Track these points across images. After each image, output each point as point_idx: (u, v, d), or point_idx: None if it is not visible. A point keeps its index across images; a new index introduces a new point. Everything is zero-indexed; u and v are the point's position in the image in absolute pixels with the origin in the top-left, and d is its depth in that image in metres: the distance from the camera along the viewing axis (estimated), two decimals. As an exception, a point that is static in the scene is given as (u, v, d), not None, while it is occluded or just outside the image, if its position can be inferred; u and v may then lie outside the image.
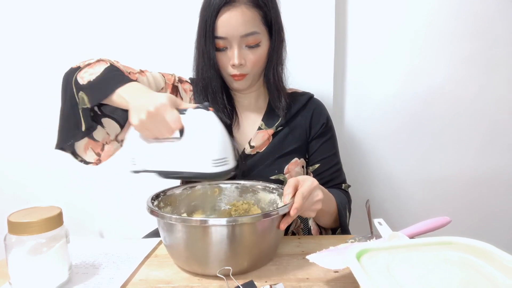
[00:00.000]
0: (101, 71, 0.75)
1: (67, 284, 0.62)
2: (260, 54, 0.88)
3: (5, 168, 1.38)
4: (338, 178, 1.01)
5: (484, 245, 0.53)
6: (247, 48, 0.86)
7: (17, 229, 0.57)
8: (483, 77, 1.28)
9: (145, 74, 0.89)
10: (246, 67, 0.88)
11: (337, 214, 0.88)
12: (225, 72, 0.90)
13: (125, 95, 0.69)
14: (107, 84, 0.73)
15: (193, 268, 0.66)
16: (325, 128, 1.00)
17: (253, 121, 0.98)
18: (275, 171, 0.94)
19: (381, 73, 1.28)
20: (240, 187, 0.84)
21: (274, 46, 0.90)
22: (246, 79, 0.90)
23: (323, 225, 0.94)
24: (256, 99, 1.00)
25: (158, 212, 0.65)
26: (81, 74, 0.76)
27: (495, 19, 1.24)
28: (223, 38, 0.84)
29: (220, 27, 0.83)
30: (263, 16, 0.86)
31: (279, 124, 0.96)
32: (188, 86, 0.99)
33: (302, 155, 0.99)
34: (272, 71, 0.93)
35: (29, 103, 1.33)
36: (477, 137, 1.32)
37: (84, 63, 0.79)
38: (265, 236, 0.66)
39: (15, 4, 1.27)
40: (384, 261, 0.51)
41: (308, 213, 0.74)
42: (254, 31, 0.84)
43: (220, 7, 0.82)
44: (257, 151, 0.94)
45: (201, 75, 0.92)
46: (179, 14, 1.23)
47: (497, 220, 1.37)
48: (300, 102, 1.00)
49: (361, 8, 1.24)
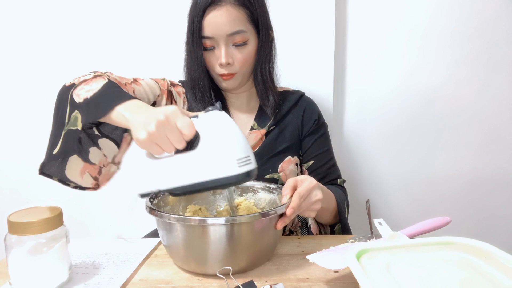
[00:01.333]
0: (99, 88, 0.70)
1: (67, 284, 0.62)
2: (248, 52, 0.89)
3: (5, 168, 1.38)
4: (333, 173, 1.02)
5: (483, 245, 0.53)
6: (235, 47, 0.87)
7: (17, 229, 0.57)
8: (483, 77, 1.28)
9: (140, 83, 0.87)
10: (234, 66, 0.88)
11: (337, 211, 0.89)
12: (214, 72, 0.91)
13: (125, 113, 0.64)
14: (105, 101, 0.67)
15: (192, 267, 0.66)
16: (317, 125, 1.01)
17: (245, 121, 0.99)
18: (269, 170, 0.95)
19: (381, 73, 1.28)
20: (240, 186, 0.84)
21: (261, 44, 0.91)
22: (235, 78, 0.91)
23: (323, 222, 0.94)
24: (248, 99, 1.01)
25: (157, 211, 0.65)
26: (77, 92, 0.71)
27: (495, 19, 1.24)
28: (209, 37, 0.85)
29: (206, 26, 0.84)
30: (249, 15, 0.87)
31: (271, 123, 0.96)
32: (180, 89, 0.99)
33: (295, 153, 0.99)
34: (260, 70, 0.94)
35: (29, 103, 1.33)
36: (477, 137, 1.32)
37: (79, 79, 0.74)
38: (263, 236, 0.66)
39: (12, 7, 1.27)
40: (384, 261, 0.51)
41: (308, 213, 0.74)
42: (240, 29, 0.85)
43: (206, 6, 0.83)
44: None
45: (189, 75, 0.93)
46: (170, 15, 1.22)
47: (497, 220, 1.37)
48: (291, 101, 1.01)
49: (361, 8, 1.24)
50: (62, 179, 0.75)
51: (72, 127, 0.69)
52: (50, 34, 1.28)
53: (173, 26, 1.18)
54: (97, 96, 0.69)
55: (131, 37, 1.26)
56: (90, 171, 0.76)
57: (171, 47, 1.13)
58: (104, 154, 0.78)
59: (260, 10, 0.88)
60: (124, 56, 1.27)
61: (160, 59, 1.24)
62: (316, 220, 0.95)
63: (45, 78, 1.31)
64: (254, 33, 0.89)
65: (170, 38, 1.20)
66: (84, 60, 1.28)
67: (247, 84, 0.98)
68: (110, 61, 1.27)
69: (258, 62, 0.93)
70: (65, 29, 1.27)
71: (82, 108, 0.69)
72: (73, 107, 0.70)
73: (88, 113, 0.68)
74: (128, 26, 1.26)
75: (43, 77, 1.31)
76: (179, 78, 0.99)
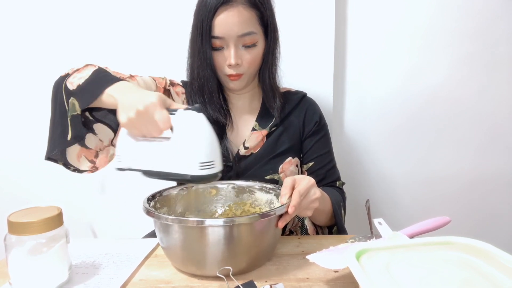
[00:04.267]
0: (89, 74, 0.74)
1: (67, 284, 0.62)
2: (257, 54, 0.88)
3: (5, 168, 1.38)
4: (332, 176, 1.01)
5: (483, 245, 0.53)
6: (244, 48, 0.86)
7: (17, 229, 0.57)
8: (483, 77, 1.28)
9: (135, 79, 0.88)
10: (243, 67, 0.88)
11: (333, 213, 0.89)
12: (221, 72, 0.90)
13: (114, 94, 0.68)
14: (95, 85, 0.72)
15: (191, 269, 0.65)
16: (318, 126, 1.00)
17: (247, 122, 0.98)
18: (269, 171, 0.94)
19: (381, 73, 1.28)
20: (237, 187, 0.84)
21: (269, 46, 0.90)
22: (242, 79, 0.90)
23: (318, 223, 0.94)
24: (250, 100, 1.00)
25: (154, 213, 0.65)
26: (70, 80, 0.75)
27: (495, 19, 1.24)
28: (220, 37, 0.84)
29: (217, 26, 0.83)
30: (259, 17, 0.86)
31: (273, 124, 0.96)
32: (180, 89, 0.98)
33: (296, 154, 0.99)
34: (268, 72, 0.93)
35: (29, 103, 1.33)
36: (477, 137, 1.32)
37: (72, 70, 0.79)
38: (262, 237, 0.66)
39: (12, 7, 1.27)
40: (384, 261, 0.51)
41: (305, 212, 0.74)
42: (251, 31, 0.85)
43: (218, 7, 0.82)
44: (252, 152, 0.94)
45: (197, 75, 0.91)
46: (171, 15, 1.22)
47: (496, 220, 1.37)
48: (293, 102, 1.00)
49: (361, 8, 1.24)
50: (65, 163, 0.79)
51: (73, 113, 0.74)
52: (49, 34, 1.28)
53: (175, 26, 1.18)
54: (88, 81, 0.73)
55: (132, 37, 1.26)
56: (86, 154, 0.80)
57: (173, 47, 1.13)
58: (99, 138, 0.81)
59: (269, 12, 0.88)
60: (125, 56, 1.27)
61: (162, 60, 1.24)
62: (312, 221, 0.95)
63: (44, 78, 1.30)
64: (262, 35, 0.89)
65: (172, 38, 1.21)
66: (84, 60, 1.28)
67: (250, 86, 0.98)
68: (111, 61, 1.27)
69: (266, 64, 0.92)
70: (64, 29, 1.28)
71: (76, 94, 0.73)
72: (68, 95, 0.74)
73: (82, 98, 0.72)
74: (129, 26, 1.26)
75: (43, 77, 1.30)
76: (181, 78, 0.99)
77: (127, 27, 1.26)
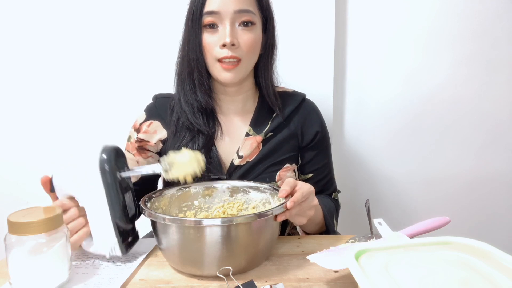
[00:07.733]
0: None
1: (67, 284, 0.62)
2: (254, 37, 0.82)
3: (5, 168, 1.38)
4: (329, 188, 0.99)
5: (482, 245, 0.53)
6: (241, 28, 0.80)
7: (17, 229, 0.57)
8: (484, 78, 1.28)
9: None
10: (240, 49, 0.81)
11: (324, 222, 0.86)
12: (213, 56, 0.81)
13: None
14: None
15: (189, 269, 0.65)
16: (319, 138, 0.95)
17: (240, 126, 0.92)
18: (266, 180, 0.88)
19: (381, 73, 1.28)
20: (231, 187, 0.84)
21: (267, 39, 0.87)
22: (238, 69, 0.82)
23: (308, 231, 0.90)
24: (243, 103, 0.93)
25: (151, 213, 0.65)
26: None
27: (496, 20, 1.24)
28: (214, 12, 0.78)
29: (212, 0, 0.78)
30: (257, 1, 0.83)
31: (268, 130, 0.90)
32: (146, 123, 0.92)
33: (294, 161, 0.94)
34: (267, 69, 0.90)
35: (29, 103, 1.33)
36: (478, 138, 1.32)
37: None
38: (260, 236, 0.66)
39: (12, 8, 1.27)
40: (383, 261, 0.51)
41: (300, 219, 0.72)
42: (249, 9, 0.80)
43: None
44: (247, 160, 0.89)
45: (187, 59, 0.85)
46: (170, 15, 1.21)
47: (497, 220, 1.37)
48: (291, 105, 0.94)
49: (361, 8, 1.24)
50: None
51: None
52: (49, 35, 1.28)
53: (170, 29, 1.17)
54: None
55: (132, 37, 1.26)
56: None
57: (167, 50, 1.13)
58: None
59: (266, 2, 0.85)
60: (123, 56, 1.27)
61: (162, 60, 1.24)
62: (303, 230, 0.92)
63: (44, 80, 1.31)
64: (260, 20, 0.84)
65: (165, 40, 1.20)
66: (84, 61, 1.28)
67: (244, 86, 0.91)
68: (110, 62, 1.28)
69: (265, 59, 0.88)
70: (64, 31, 1.27)
71: None
72: None
73: None
74: (129, 26, 1.26)
75: (42, 78, 1.31)
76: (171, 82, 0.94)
77: (127, 27, 1.26)
